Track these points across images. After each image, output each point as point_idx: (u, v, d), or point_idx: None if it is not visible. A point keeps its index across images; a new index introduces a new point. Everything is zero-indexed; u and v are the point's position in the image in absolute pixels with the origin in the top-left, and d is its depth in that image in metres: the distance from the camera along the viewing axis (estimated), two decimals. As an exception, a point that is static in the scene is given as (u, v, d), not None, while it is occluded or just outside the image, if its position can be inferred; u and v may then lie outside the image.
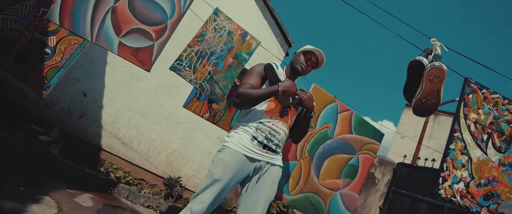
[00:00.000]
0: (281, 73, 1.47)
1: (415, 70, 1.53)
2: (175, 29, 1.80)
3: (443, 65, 1.41)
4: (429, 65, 1.46)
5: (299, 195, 2.33)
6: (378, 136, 2.76)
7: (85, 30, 1.50)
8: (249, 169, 1.41)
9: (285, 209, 3.45)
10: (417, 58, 1.53)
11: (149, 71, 1.80)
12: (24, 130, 2.82)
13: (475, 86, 1.78)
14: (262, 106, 1.47)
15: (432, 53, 1.54)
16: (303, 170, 2.36)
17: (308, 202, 2.37)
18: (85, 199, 2.35)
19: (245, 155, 1.39)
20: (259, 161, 1.42)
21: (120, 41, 1.56)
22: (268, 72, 1.47)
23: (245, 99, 1.42)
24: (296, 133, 1.60)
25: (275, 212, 3.37)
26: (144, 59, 1.68)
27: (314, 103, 1.55)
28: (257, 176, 1.43)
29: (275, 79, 1.44)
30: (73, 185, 2.52)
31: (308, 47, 1.57)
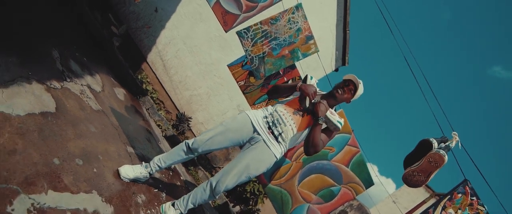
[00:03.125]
0: (312, 83, 1.74)
1: (423, 147, 1.69)
2: (261, 12, 2.06)
3: (446, 156, 1.57)
4: (436, 149, 1.62)
5: (276, 187, 2.63)
6: (368, 182, 2.93)
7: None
8: (248, 134, 1.70)
9: (258, 193, 3.79)
10: (430, 139, 1.69)
11: (226, 32, 2.10)
12: (102, 15, 3.27)
13: (469, 191, 1.90)
14: (286, 100, 1.79)
15: (446, 143, 1.69)
16: (291, 171, 2.63)
17: (280, 197, 2.67)
18: (120, 93, 2.80)
19: (251, 121, 1.70)
20: (258, 134, 1.70)
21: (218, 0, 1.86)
22: (303, 79, 1.76)
23: (273, 88, 1.86)
24: (305, 140, 1.78)
25: (249, 190, 3.72)
26: (228, 21, 1.98)
27: (332, 119, 1.67)
28: (249, 144, 1.72)
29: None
30: (116, 77, 2.98)
31: (349, 75, 1.75)
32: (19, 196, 1.08)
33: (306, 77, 1.79)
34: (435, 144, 1.67)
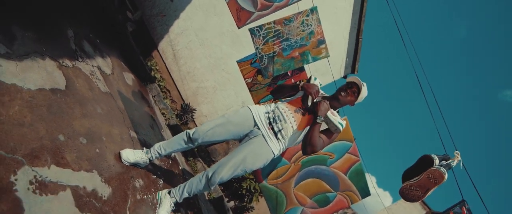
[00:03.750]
0: (315, 84, 1.75)
1: (424, 163, 1.68)
2: (276, 12, 2.06)
3: (446, 174, 1.56)
4: (437, 166, 1.61)
5: (272, 187, 2.64)
6: (365, 192, 2.92)
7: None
8: (249, 127, 1.73)
9: (253, 191, 3.81)
10: (432, 155, 1.67)
11: (239, 29, 2.11)
12: (119, 1, 3.30)
13: (465, 211, 1.89)
14: (289, 98, 1.81)
15: (448, 161, 1.67)
16: (289, 172, 2.64)
17: (275, 197, 2.68)
18: (128, 78, 2.83)
19: (253, 116, 1.73)
20: (258, 128, 1.71)
21: (234, -5, 1.87)
22: (307, 80, 1.77)
23: (277, 87, 1.88)
24: (303, 138, 1.75)
25: (245, 187, 3.74)
26: (241, 18, 1.99)
27: (333, 120, 1.66)
28: (248, 138, 1.73)
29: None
30: (126, 61, 3.01)
31: (352, 78, 1.74)
32: (23, 167, 1.11)
33: (310, 78, 1.81)
34: (437, 161, 1.66)
